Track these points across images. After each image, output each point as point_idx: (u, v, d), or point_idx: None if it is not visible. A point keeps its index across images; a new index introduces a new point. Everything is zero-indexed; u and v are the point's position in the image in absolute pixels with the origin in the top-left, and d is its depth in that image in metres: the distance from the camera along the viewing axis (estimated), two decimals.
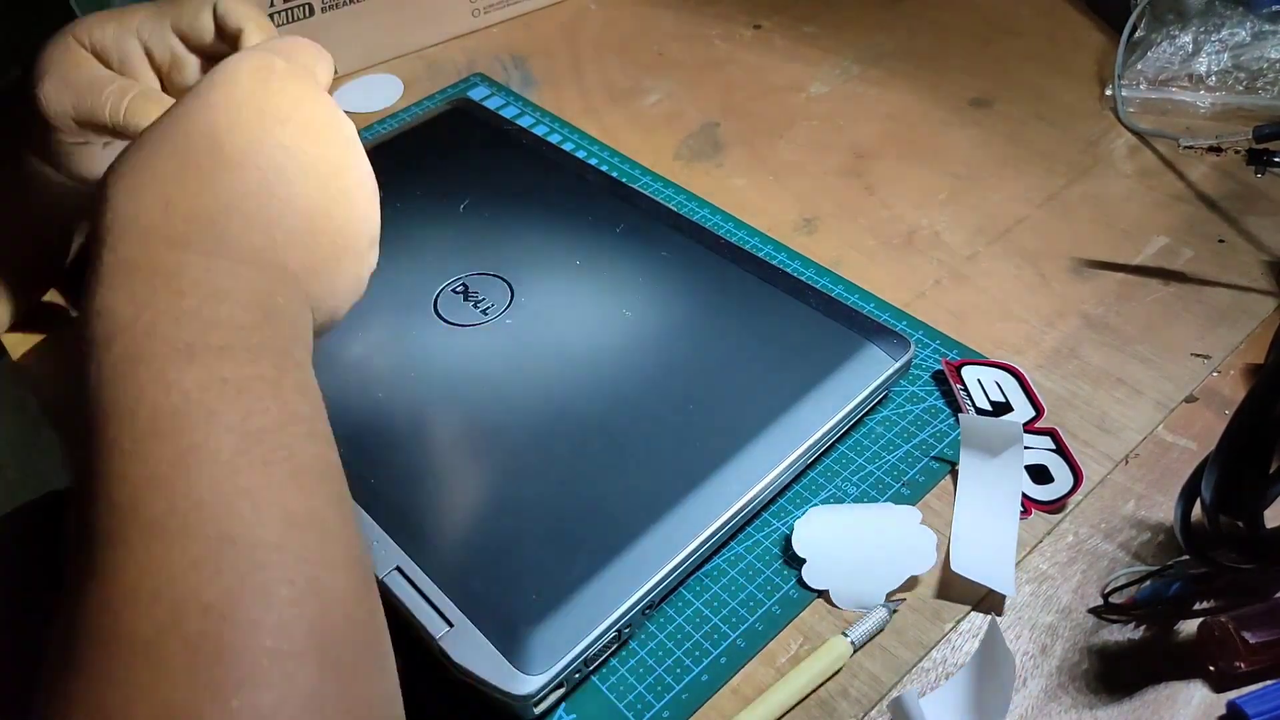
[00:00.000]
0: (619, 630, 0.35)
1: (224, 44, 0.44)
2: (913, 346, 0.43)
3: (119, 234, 0.31)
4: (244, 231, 0.32)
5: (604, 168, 0.58)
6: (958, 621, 0.37)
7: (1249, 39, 0.59)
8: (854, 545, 0.39)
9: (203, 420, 0.27)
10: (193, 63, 0.45)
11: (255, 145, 0.33)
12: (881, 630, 0.37)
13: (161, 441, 0.27)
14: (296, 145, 0.34)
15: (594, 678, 0.37)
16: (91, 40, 0.44)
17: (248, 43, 0.45)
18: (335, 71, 0.71)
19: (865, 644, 0.37)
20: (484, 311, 0.46)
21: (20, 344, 0.53)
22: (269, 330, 0.31)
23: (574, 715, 0.36)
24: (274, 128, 0.34)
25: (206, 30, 0.45)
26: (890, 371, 0.42)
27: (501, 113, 0.62)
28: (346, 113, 0.68)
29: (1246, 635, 0.34)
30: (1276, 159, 0.48)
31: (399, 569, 0.36)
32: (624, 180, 0.55)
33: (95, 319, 0.29)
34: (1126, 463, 0.42)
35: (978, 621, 0.37)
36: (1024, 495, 0.40)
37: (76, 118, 0.43)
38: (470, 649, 0.34)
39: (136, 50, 0.45)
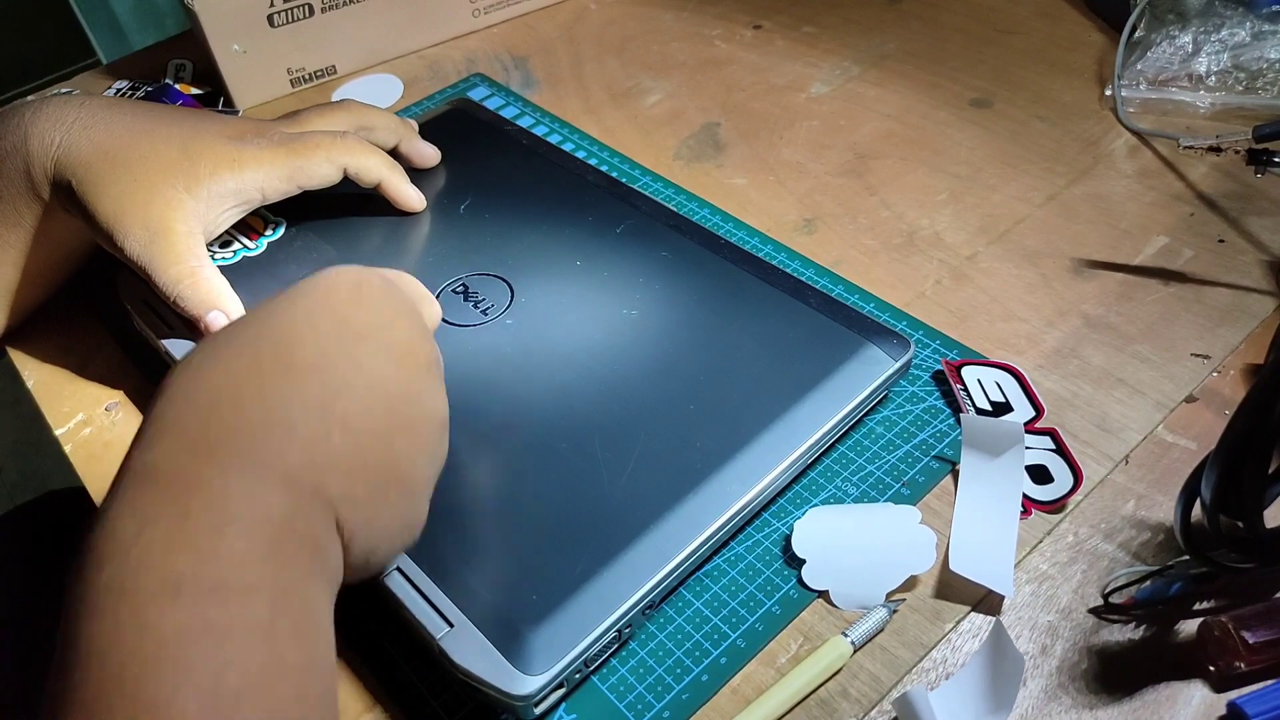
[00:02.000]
0: (619, 630, 0.35)
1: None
2: (913, 347, 0.43)
3: (155, 434, 0.29)
4: (283, 446, 0.29)
5: (604, 168, 0.58)
6: (958, 622, 0.37)
7: (1249, 39, 0.59)
8: (854, 545, 0.39)
9: (171, 673, 0.24)
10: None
11: (325, 357, 0.31)
12: (881, 630, 0.37)
13: (124, 694, 0.24)
14: (370, 363, 0.32)
15: (594, 678, 0.37)
16: (210, 192, 0.45)
17: (388, 192, 0.51)
18: (335, 71, 0.71)
19: (865, 644, 0.37)
20: (484, 311, 0.46)
21: (24, 339, 0.53)
22: (274, 564, 0.28)
23: (574, 715, 0.36)
24: (351, 342, 0.32)
25: (331, 181, 0.49)
26: (890, 372, 0.42)
27: (502, 113, 0.62)
28: None
29: (1246, 635, 0.34)
30: (1276, 159, 0.48)
31: (399, 569, 0.36)
32: (624, 180, 0.55)
33: (99, 528, 0.27)
34: (1126, 463, 0.42)
35: (978, 622, 0.37)
36: (1024, 495, 0.40)
37: (145, 273, 0.45)
38: (470, 649, 0.34)
39: (254, 200, 0.47)
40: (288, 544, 0.28)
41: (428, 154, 0.55)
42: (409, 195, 0.51)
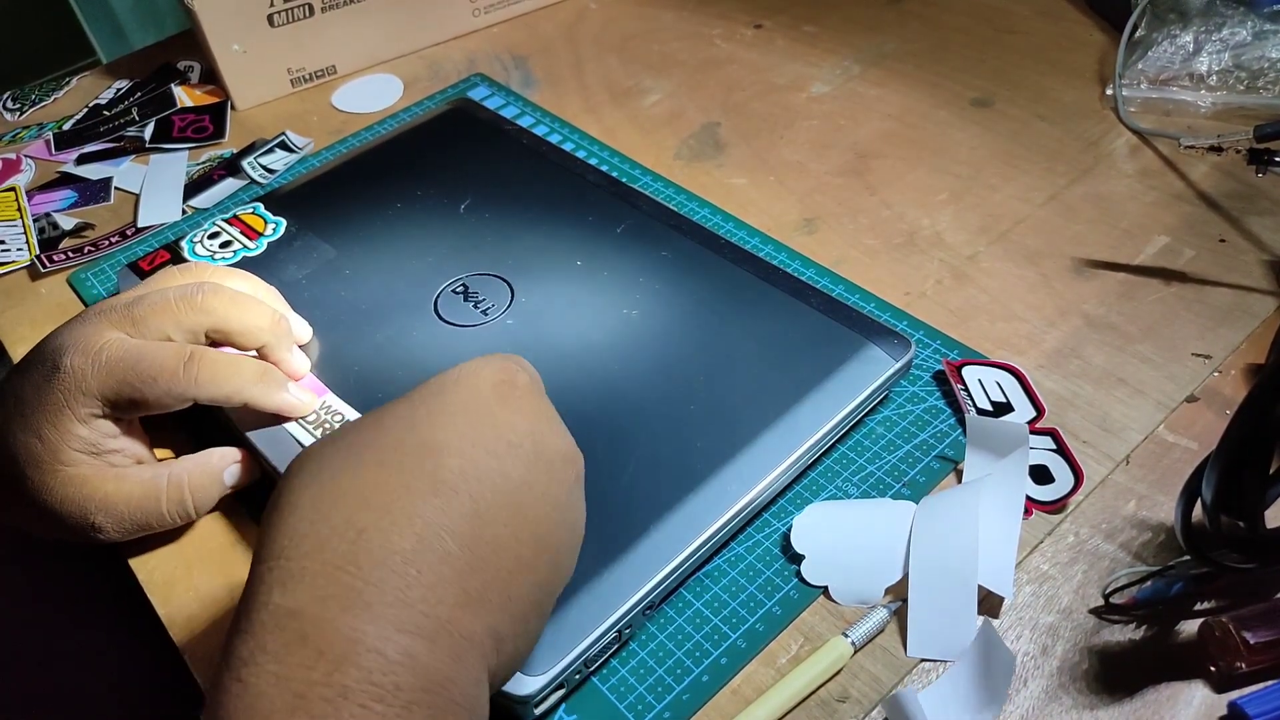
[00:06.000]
0: (619, 631, 0.35)
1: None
2: (913, 346, 0.43)
3: (297, 568, 0.26)
4: (438, 589, 0.26)
5: (604, 168, 0.58)
6: None
7: (1250, 38, 0.59)
8: (853, 541, 0.39)
9: None
10: None
11: (479, 472, 0.28)
12: (882, 631, 0.37)
13: None
14: (522, 476, 0.29)
15: (594, 678, 0.37)
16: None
17: (269, 357, 0.42)
18: (335, 71, 0.71)
19: (865, 644, 0.37)
20: (484, 311, 0.46)
21: (23, 339, 0.53)
22: None
23: (574, 716, 0.36)
24: (505, 453, 0.29)
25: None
26: (891, 371, 0.42)
27: (502, 113, 0.62)
28: (347, 113, 0.68)
29: (1247, 635, 0.34)
30: (1277, 158, 0.48)
31: None
32: (624, 180, 0.55)
33: (235, 684, 0.24)
34: (1127, 463, 0.42)
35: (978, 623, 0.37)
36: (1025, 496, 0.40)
37: (139, 528, 0.40)
38: None
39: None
40: (442, 700, 0.26)
41: (297, 367, 0.43)
42: (291, 364, 0.43)
